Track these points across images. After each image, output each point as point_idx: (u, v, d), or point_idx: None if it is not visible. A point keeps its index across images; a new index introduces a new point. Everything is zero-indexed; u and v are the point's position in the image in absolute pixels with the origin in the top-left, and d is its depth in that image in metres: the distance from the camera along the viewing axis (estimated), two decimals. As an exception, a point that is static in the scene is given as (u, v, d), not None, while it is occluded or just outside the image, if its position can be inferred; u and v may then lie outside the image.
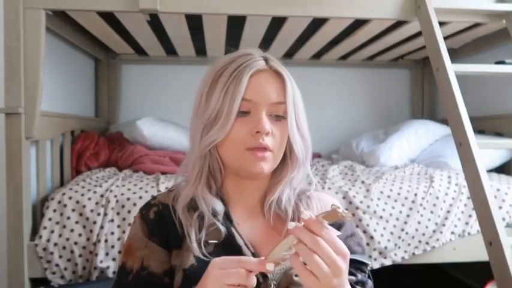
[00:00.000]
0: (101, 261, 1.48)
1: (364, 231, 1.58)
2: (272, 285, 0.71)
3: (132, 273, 0.75)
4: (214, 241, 0.74)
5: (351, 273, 0.74)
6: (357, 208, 1.60)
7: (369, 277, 0.79)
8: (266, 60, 0.78)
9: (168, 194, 0.82)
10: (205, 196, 0.77)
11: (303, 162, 0.79)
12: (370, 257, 0.83)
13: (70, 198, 1.53)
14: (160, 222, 0.78)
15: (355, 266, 0.76)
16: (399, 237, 1.60)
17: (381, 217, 1.61)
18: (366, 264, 0.78)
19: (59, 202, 1.53)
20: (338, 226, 0.78)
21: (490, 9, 1.58)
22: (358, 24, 1.83)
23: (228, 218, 0.77)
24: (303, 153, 0.79)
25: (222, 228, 0.74)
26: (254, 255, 0.73)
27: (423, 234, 1.63)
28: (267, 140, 0.73)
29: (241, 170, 0.76)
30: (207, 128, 0.76)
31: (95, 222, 1.50)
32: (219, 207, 0.77)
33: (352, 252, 0.70)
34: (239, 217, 0.79)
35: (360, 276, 0.77)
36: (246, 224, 0.78)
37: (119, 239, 1.50)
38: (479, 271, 1.47)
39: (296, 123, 0.77)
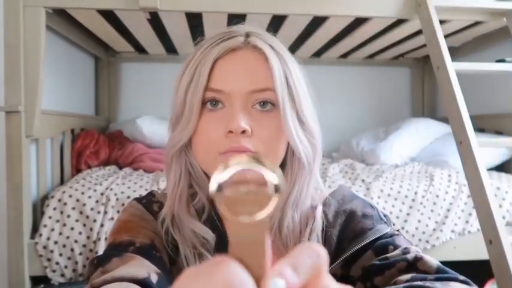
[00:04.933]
0: (101, 260, 1.48)
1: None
2: None
3: (135, 245, 0.56)
4: None
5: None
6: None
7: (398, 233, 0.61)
8: (247, 36, 0.59)
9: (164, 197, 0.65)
10: (184, 219, 0.60)
11: (309, 167, 0.61)
12: (386, 217, 0.67)
13: (70, 196, 1.53)
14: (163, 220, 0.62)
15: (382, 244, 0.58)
16: (399, 236, 1.60)
17: (381, 215, 1.61)
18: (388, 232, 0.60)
19: (59, 200, 1.53)
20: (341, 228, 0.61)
21: (490, 7, 1.58)
22: (359, 22, 1.83)
23: (222, 246, 0.59)
24: (309, 154, 0.60)
25: None
26: None
27: (423, 233, 1.63)
28: (244, 142, 0.55)
29: None
30: (172, 128, 0.63)
31: (95, 221, 1.51)
32: (203, 231, 0.59)
33: (366, 233, 0.58)
34: None
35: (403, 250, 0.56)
36: None
37: (119, 237, 1.51)
38: (480, 269, 1.47)
39: (297, 114, 0.59)
